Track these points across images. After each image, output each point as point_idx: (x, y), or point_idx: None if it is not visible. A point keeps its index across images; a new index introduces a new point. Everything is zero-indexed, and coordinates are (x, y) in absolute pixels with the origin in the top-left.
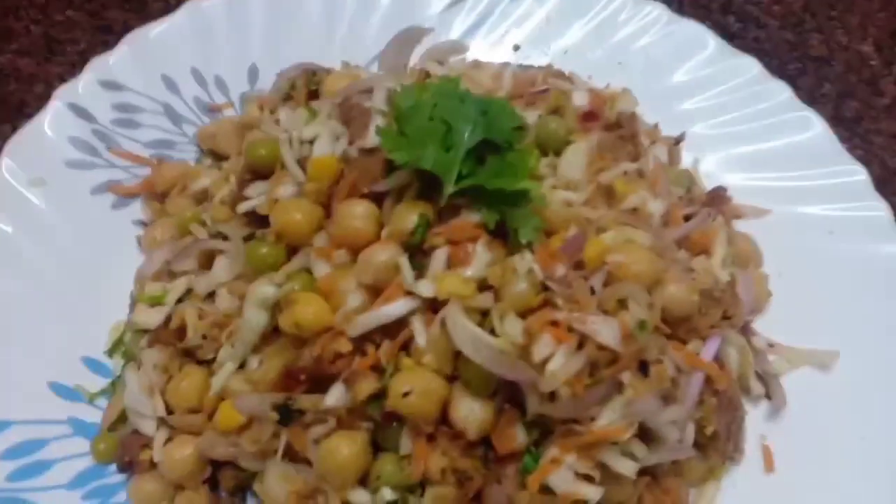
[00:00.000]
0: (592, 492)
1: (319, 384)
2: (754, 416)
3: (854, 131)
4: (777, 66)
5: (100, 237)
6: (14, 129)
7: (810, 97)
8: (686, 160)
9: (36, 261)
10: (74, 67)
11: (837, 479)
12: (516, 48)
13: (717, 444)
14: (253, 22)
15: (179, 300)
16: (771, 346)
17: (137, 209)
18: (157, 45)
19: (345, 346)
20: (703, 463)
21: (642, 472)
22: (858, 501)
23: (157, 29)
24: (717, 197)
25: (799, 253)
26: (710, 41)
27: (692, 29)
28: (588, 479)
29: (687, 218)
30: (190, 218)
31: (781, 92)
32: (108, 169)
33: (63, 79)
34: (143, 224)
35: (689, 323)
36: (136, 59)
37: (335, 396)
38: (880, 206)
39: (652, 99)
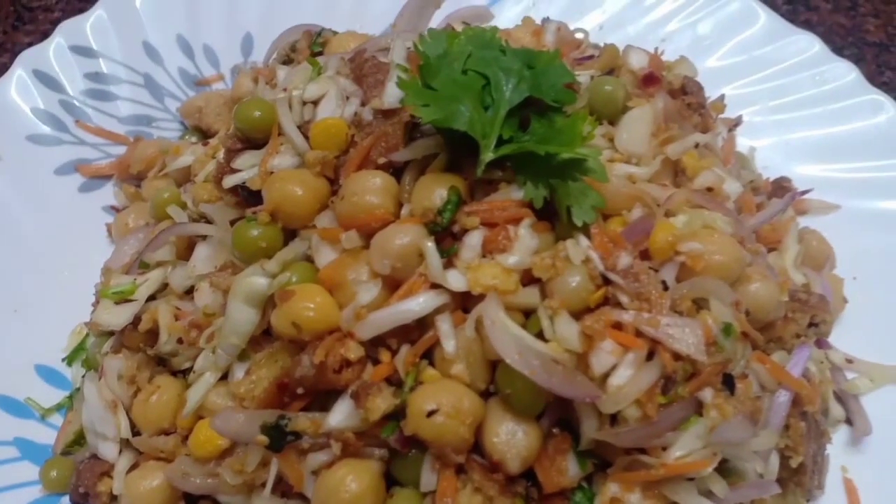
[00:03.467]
0: None
1: (321, 400)
2: (834, 443)
3: None
4: (832, 51)
5: (63, 224)
6: None
7: (869, 81)
8: (740, 147)
9: None
10: (46, 37)
11: None
12: (546, 21)
13: (801, 479)
14: None
15: (152, 297)
16: (850, 361)
17: (108, 193)
18: (139, 8)
19: (354, 352)
20: (782, 500)
21: None
22: None
23: None
24: (783, 188)
25: (875, 254)
26: (763, 15)
27: (742, 3)
28: None
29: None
30: (168, 199)
31: (847, 73)
32: (76, 146)
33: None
34: (115, 210)
35: (773, 330)
36: (114, 24)
37: (341, 415)
38: None
39: (699, 79)
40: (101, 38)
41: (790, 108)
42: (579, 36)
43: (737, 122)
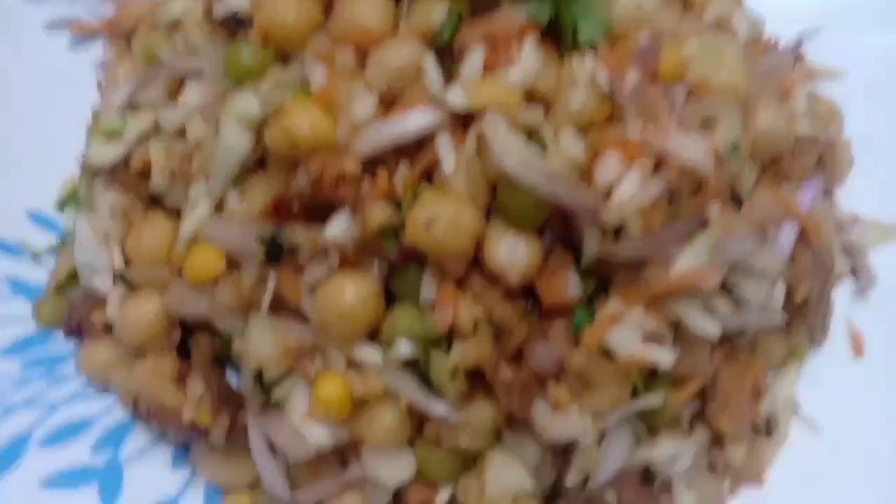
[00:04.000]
0: (663, 356)
1: (318, 217)
2: (839, 296)
3: None
4: None
5: (53, 80)
6: None
7: None
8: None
9: None
10: None
11: None
12: None
13: (804, 316)
14: None
15: (143, 140)
16: (855, 218)
17: (99, 51)
18: None
19: (351, 166)
20: (785, 342)
21: (719, 343)
22: None
23: None
24: (794, 51)
25: (884, 119)
26: None
27: None
28: (657, 341)
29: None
30: (157, 46)
31: None
32: (66, 4)
33: None
34: (106, 66)
35: (781, 165)
36: None
37: (339, 227)
38: None
39: None
40: None
41: None
42: None
43: None
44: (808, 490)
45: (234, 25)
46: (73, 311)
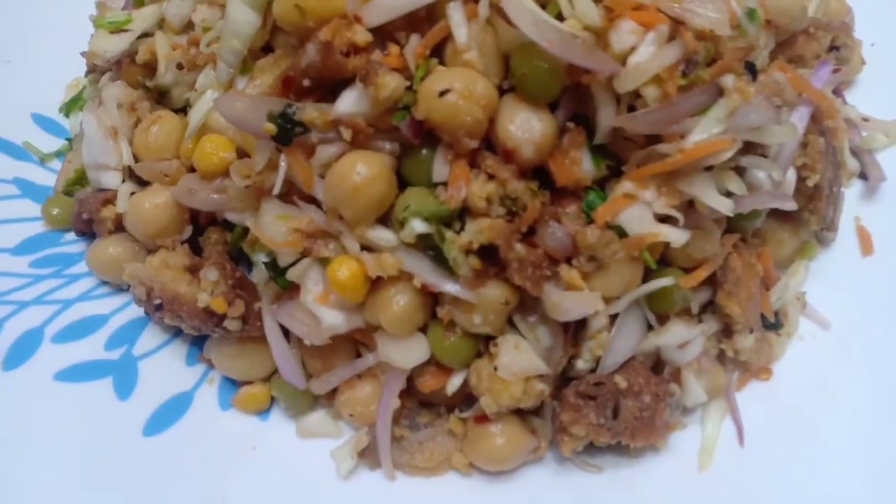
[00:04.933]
0: (676, 234)
1: (328, 93)
2: (848, 196)
3: None
4: None
5: None
6: None
7: None
8: None
9: None
10: None
11: None
12: None
13: (816, 205)
14: None
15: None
16: (866, 119)
17: None
18: None
19: (361, 36)
20: (795, 236)
21: (729, 230)
22: None
23: None
24: None
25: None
26: None
27: None
28: (669, 221)
29: None
30: None
31: None
32: None
33: None
34: None
35: (795, 48)
36: None
37: (350, 101)
38: None
39: None
40: None
41: None
42: None
43: None
44: (818, 386)
45: None
46: (82, 207)
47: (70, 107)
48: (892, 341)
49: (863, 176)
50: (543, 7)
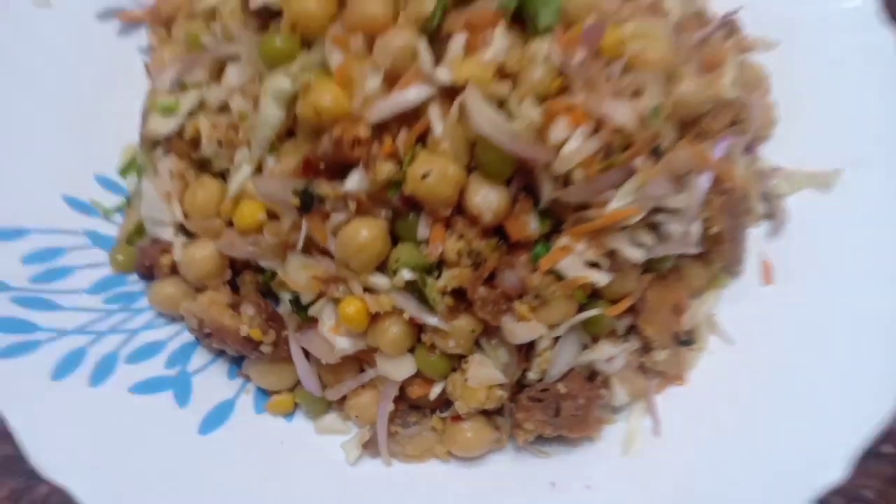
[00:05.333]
0: (600, 277)
1: (338, 173)
2: (756, 236)
3: None
4: None
5: (107, 62)
6: None
7: None
8: None
9: (45, 79)
10: None
11: (834, 292)
12: None
13: (720, 249)
14: None
15: (191, 114)
16: (775, 169)
17: (143, 36)
18: None
19: (363, 133)
20: (705, 270)
21: (647, 269)
22: (855, 310)
23: None
24: (729, 23)
25: (805, 82)
26: None
27: None
28: (596, 266)
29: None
30: (199, 31)
31: None
32: None
33: None
34: (151, 50)
35: (700, 125)
36: None
37: (355, 181)
38: (888, 33)
39: None
40: None
41: None
42: None
43: None
44: (723, 390)
45: (266, 16)
46: (143, 257)
47: (126, 169)
48: (784, 354)
49: (771, 217)
50: (500, 106)
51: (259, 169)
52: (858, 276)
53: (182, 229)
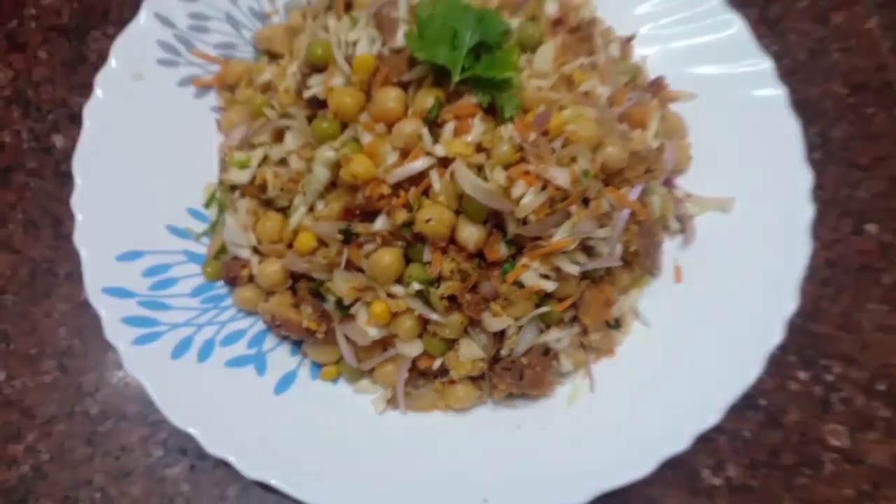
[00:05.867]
0: (549, 285)
1: (369, 217)
2: (671, 246)
3: (775, 30)
4: None
5: (188, 119)
6: (102, 33)
7: (742, 0)
8: (637, 54)
9: (146, 133)
10: None
11: (727, 288)
12: None
13: (638, 260)
14: None
15: (259, 166)
16: (688, 196)
17: (213, 98)
18: None
19: (386, 190)
20: (630, 274)
21: (584, 276)
22: (742, 301)
23: None
24: (656, 84)
25: (715, 127)
26: None
27: None
28: (546, 277)
29: (631, 100)
30: (261, 104)
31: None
32: (188, 66)
33: None
34: (220, 110)
35: (622, 175)
36: None
37: (380, 223)
38: (779, 89)
39: (615, 5)
40: None
41: (671, 25)
42: None
43: (630, 38)
44: (640, 359)
45: (315, 103)
46: (227, 270)
47: (209, 203)
48: (685, 333)
49: (683, 232)
50: (479, 172)
51: (311, 209)
52: (744, 278)
53: (256, 250)
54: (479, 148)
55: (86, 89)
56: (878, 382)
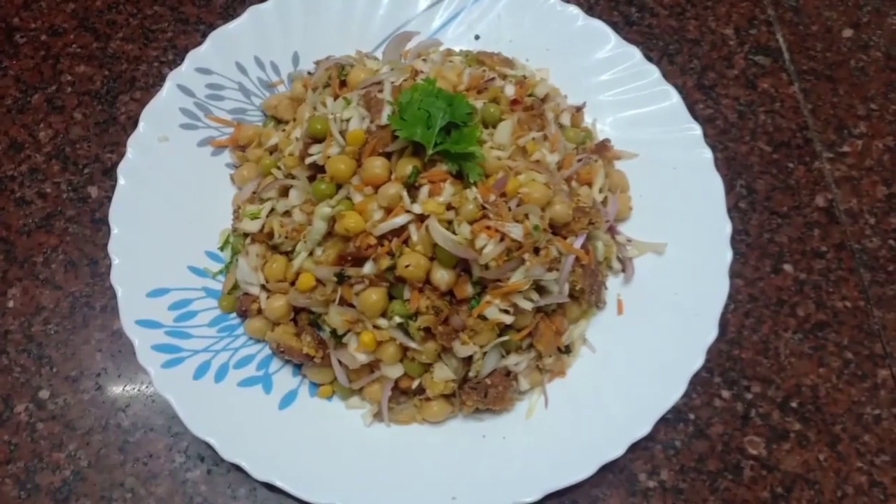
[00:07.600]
0: (508, 318)
1: (359, 262)
2: (615, 283)
3: (709, 95)
4: (662, 46)
5: (206, 175)
6: (130, 98)
7: (682, 70)
8: (589, 120)
9: (171, 190)
10: (166, 51)
11: (660, 320)
12: (477, 38)
13: (584, 296)
14: (294, 20)
15: (267, 217)
16: (629, 240)
17: (227, 156)
18: (230, 39)
19: (373, 241)
20: (579, 307)
21: (539, 310)
22: (671, 331)
23: (230, 27)
24: (603, 146)
25: (653, 182)
26: (611, 35)
27: (599, 25)
28: (506, 312)
29: (580, 161)
30: (269, 164)
31: (653, 72)
32: (206, 129)
33: (159, 60)
34: (234, 166)
35: (568, 227)
36: (217, 51)
37: (368, 268)
38: (706, 151)
39: (570, 75)
40: (211, 61)
41: (620, 94)
42: (496, 48)
43: (580, 107)
44: (587, 379)
45: (315, 167)
46: (240, 304)
47: (223, 246)
48: (625, 357)
49: (624, 271)
50: (448, 226)
51: (311, 254)
52: (674, 311)
53: (264, 288)
54: (449, 206)
55: (117, 146)
56: (792, 400)
